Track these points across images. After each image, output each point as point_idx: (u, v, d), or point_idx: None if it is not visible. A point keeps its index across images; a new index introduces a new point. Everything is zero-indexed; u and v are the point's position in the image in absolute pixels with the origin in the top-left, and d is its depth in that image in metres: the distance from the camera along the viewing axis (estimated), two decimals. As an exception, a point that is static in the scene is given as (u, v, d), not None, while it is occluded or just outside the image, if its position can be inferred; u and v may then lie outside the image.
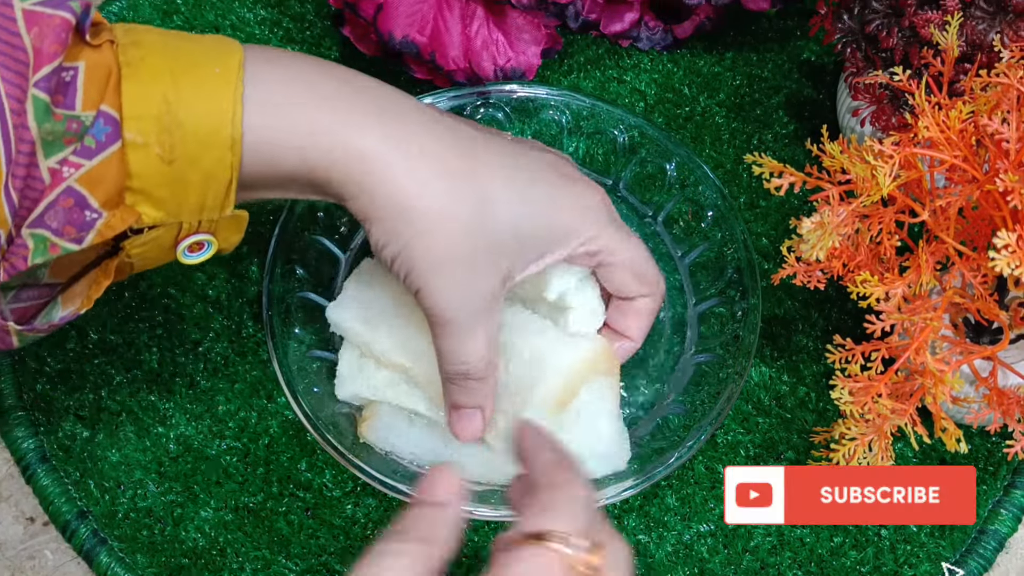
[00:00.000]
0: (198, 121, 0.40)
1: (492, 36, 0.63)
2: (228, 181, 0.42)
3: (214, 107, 0.41)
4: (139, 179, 0.40)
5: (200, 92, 0.41)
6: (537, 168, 0.49)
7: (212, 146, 0.41)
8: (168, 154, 0.40)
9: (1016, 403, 0.48)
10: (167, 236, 0.42)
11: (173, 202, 0.41)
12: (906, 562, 0.55)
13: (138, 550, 0.54)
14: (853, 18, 0.57)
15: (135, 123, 0.40)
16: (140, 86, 0.40)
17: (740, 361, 0.55)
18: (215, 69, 0.41)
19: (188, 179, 0.41)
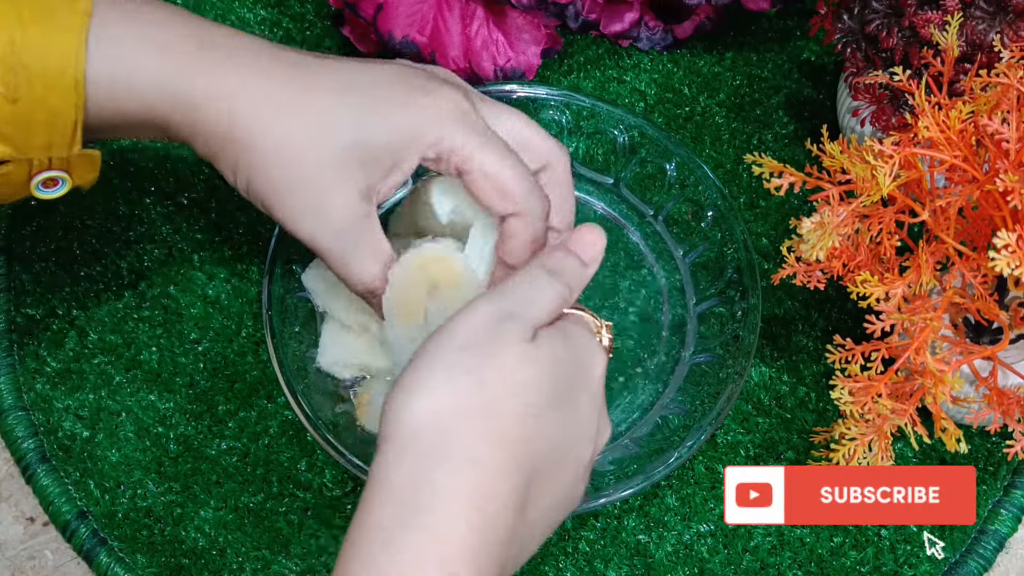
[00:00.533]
0: (43, 62, 0.42)
1: (492, 36, 0.63)
2: (73, 121, 0.44)
3: (59, 49, 0.43)
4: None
5: (46, 35, 0.43)
6: (377, 81, 0.48)
7: (56, 87, 0.43)
8: (12, 93, 0.42)
9: (1016, 403, 0.48)
10: (19, 172, 0.44)
11: (20, 138, 0.43)
12: (906, 562, 0.55)
13: (138, 550, 0.54)
14: (853, 18, 0.57)
15: None
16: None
17: (740, 361, 0.55)
18: (62, 13, 0.43)
19: (33, 118, 0.43)
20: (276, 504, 0.56)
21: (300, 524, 0.55)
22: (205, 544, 0.54)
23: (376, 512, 0.36)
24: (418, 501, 0.36)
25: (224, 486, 0.56)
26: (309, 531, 0.55)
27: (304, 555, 0.55)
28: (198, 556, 0.54)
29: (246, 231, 0.63)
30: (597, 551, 0.55)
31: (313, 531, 0.55)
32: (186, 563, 0.54)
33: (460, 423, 0.37)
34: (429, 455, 0.37)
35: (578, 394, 0.41)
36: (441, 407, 0.38)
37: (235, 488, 0.56)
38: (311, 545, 0.55)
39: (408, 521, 0.36)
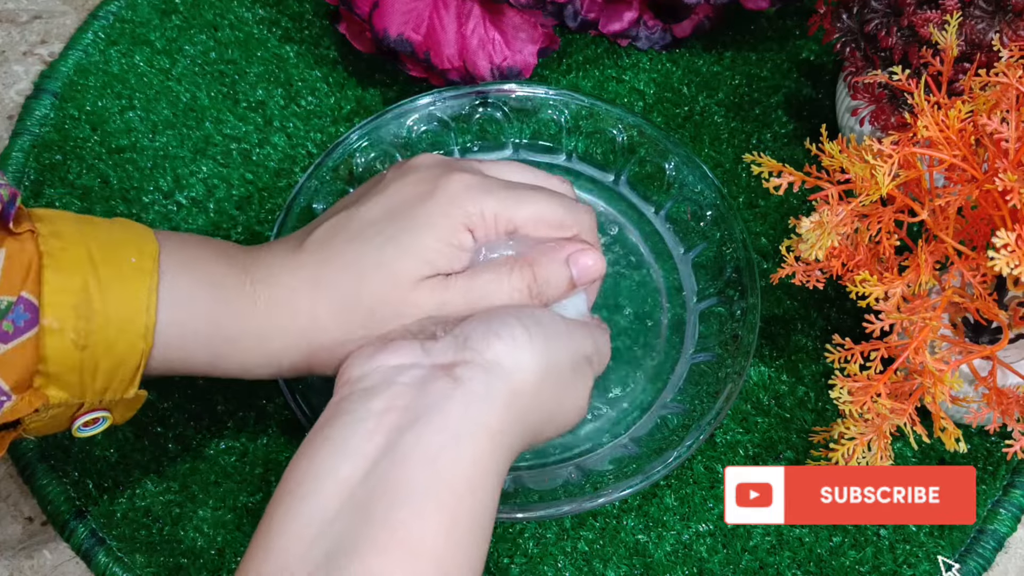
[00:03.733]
0: (114, 309, 0.42)
1: (488, 35, 0.63)
2: (136, 367, 0.43)
3: (130, 296, 0.42)
4: (51, 363, 0.41)
5: (117, 281, 0.42)
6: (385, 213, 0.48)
7: (126, 333, 0.42)
8: (82, 340, 0.41)
9: (1015, 403, 0.48)
10: (66, 413, 0.43)
11: (80, 385, 0.42)
12: (905, 562, 0.55)
13: (136, 550, 0.54)
14: (852, 17, 0.57)
15: (53, 310, 0.40)
16: (60, 275, 0.41)
17: (739, 361, 0.55)
18: (131, 259, 0.43)
19: (99, 365, 0.42)
20: (275, 504, 0.55)
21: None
22: (204, 544, 0.54)
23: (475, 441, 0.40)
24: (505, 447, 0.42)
25: (223, 486, 0.56)
26: (308, 531, 0.55)
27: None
28: (197, 556, 0.54)
29: (244, 231, 0.63)
30: (596, 551, 0.55)
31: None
32: (184, 563, 0.54)
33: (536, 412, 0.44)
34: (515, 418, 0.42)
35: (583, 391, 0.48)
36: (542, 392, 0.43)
37: (234, 488, 0.56)
38: (310, 545, 0.55)
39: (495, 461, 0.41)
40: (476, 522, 0.39)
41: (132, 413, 0.46)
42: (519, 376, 0.42)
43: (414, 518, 0.37)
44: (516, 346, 0.43)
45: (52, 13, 0.72)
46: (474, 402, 0.41)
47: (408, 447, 0.39)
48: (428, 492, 0.38)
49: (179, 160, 0.65)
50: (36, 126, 0.66)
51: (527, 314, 0.45)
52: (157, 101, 0.67)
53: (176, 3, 0.70)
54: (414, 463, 0.38)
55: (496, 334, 0.43)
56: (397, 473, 0.38)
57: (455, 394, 0.40)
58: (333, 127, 0.66)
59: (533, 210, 0.48)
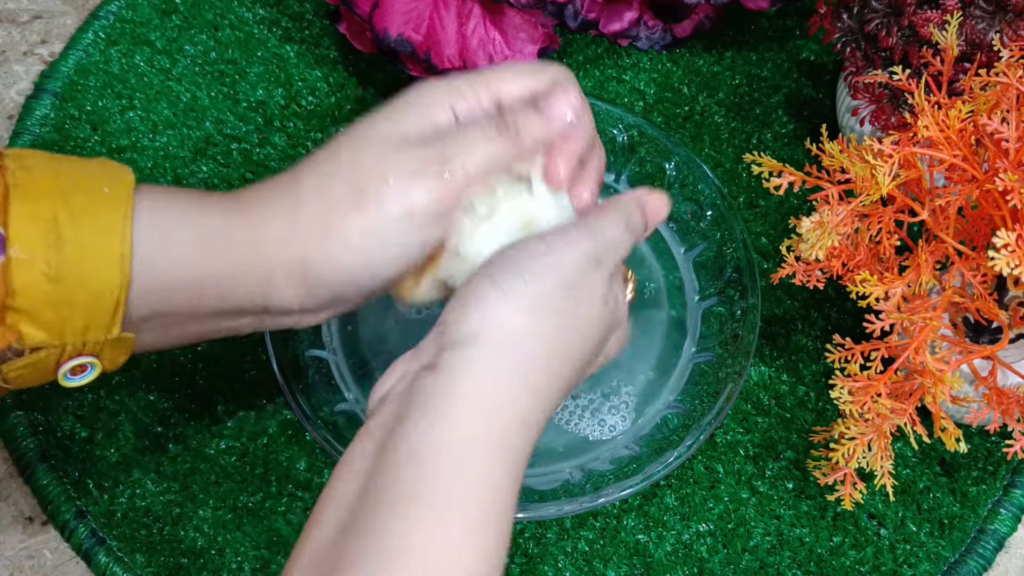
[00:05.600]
0: (86, 239, 0.39)
1: (489, 35, 0.63)
2: (115, 301, 0.40)
3: (103, 224, 0.40)
4: (22, 297, 0.39)
5: (89, 211, 0.40)
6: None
7: (100, 263, 0.40)
8: (54, 271, 0.39)
9: (1016, 402, 0.48)
10: (49, 359, 0.41)
11: (57, 322, 0.40)
12: (905, 562, 0.55)
13: (137, 549, 0.54)
14: (852, 17, 0.57)
15: (21, 240, 0.38)
16: (28, 205, 0.39)
17: (739, 360, 0.55)
18: (104, 189, 0.41)
19: (74, 299, 0.39)
20: (275, 504, 0.55)
21: (299, 524, 0.55)
22: (204, 543, 0.54)
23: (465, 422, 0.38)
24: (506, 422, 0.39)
25: (223, 486, 0.56)
26: (308, 531, 0.55)
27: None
28: (197, 555, 0.54)
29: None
30: (596, 551, 0.55)
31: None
32: (185, 562, 0.54)
33: (541, 357, 0.41)
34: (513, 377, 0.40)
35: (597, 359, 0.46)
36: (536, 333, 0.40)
37: (234, 488, 0.56)
38: (310, 545, 0.55)
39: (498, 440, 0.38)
40: (479, 503, 0.37)
41: (123, 358, 0.43)
42: (500, 333, 0.40)
43: (398, 520, 0.36)
44: (487, 306, 0.40)
45: (52, 13, 0.72)
46: (453, 381, 0.39)
47: (393, 450, 0.37)
48: (412, 489, 0.36)
49: (179, 160, 0.65)
50: (36, 126, 0.66)
51: (498, 264, 0.42)
52: (157, 101, 0.67)
53: (176, 3, 0.70)
54: (398, 465, 0.37)
55: (464, 305, 0.40)
56: (384, 479, 0.37)
57: (436, 382, 0.39)
58: (333, 127, 0.66)
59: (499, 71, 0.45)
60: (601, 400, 0.57)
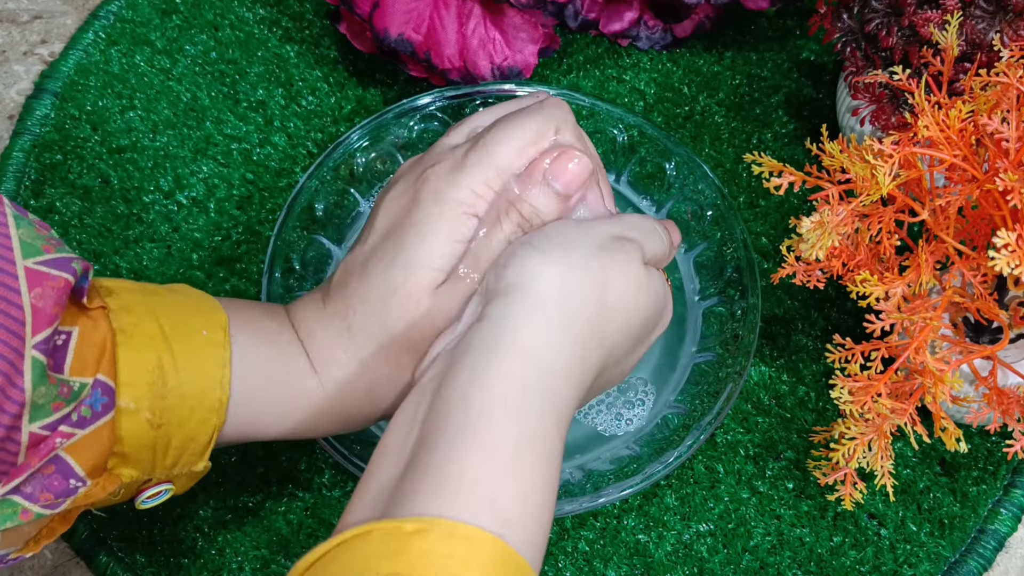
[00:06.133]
0: (187, 388, 0.41)
1: (489, 35, 0.63)
2: (207, 442, 0.42)
3: (204, 372, 0.41)
4: (126, 444, 0.40)
5: (191, 357, 0.41)
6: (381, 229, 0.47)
7: (199, 409, 0.41)
8: (158, 419, 0.40)
9: (1016, 402, 0.48)
10: (132, 488, 0.42)
11: (151, 463, 0.41)
12: (906, 561, 0.55)
13: (137, 550, 0.54)
14: (853, 17, 0.57)
15: (129, 390, 0.39)
16: (135, 353, 0.40)
17: (739, 360, 0.55)
18: (203, 332, 0.42)
19: (171, 442, 0.41)
20: (275, 504, 0.55)
21: (299, 524, 0.55)
22: (204, 544, 0.54)
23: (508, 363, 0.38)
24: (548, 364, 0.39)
25: (223, 486, 0.56)
26: (308, 531, 0.55)
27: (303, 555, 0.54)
28: (197, 556, 0.54)
29: (245, 231, 0.63)
30: (597, 551, 0.55)
31: (312, 531, 0.55)
32: (185, 563, 0.54)
33: (581, 311, 0.41)
34: (554, 326, 0.40)
35: (647, 337, 0.46)
36: (572, 287, 0.41)
37: (234, 488, 0.56)
38: (310, 545, 0.55)
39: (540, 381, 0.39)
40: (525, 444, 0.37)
41: (194, 482, 0.45)
42: (539, 283, 0.40)
43: (452, 460, 0.36)
44: (525, 262, 0.41)
45: (52, 13, 0.72)
46: (493, 329, 0.39)
47: (444, 396, 0.38)
48: (462, 429, 0.36)
49: (180, 160, 0.65)
50: (37, 126, 0.66)
51: (535, 234, 0.43)
52: (158, 101, 0.67)
53: (177, 3, 0.70)
54: (450, 409, 0.37)
55: (504, 265, 0.42)
56: (436, 424, 0.37)
57: (480, 332, 0.39)
58: (334, 127, 0.66)
59: (506, 148, 0.45)
60: (617, 394, 0.57)
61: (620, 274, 0.43)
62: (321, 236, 0.59)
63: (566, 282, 0.41)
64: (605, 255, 0.42)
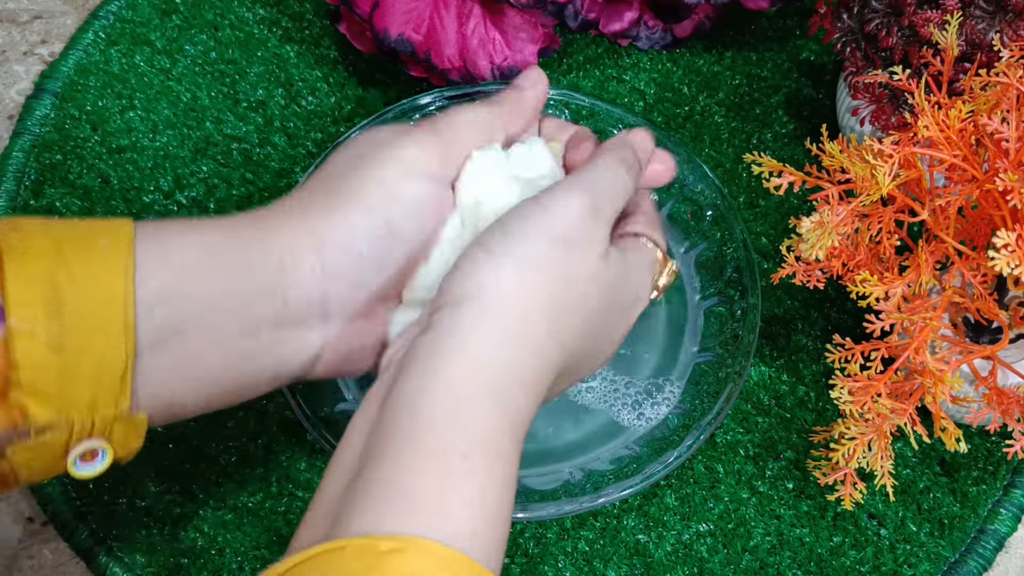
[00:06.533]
0: (88, 304, 0.37)
1: (489, 35, 0.63)
2: (123, 370, 0.38)
3: (104, 285, 0.37)
4: (25, 370, 0.36)
5: (88, 268, 0.37)
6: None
7: (103, 330, 0.37)
8: (56, 341, 0.36)
9: (1016, 402, 0.48)
10: (57, 440, 0.38)
11: (62, 397, 0.37)
12: (906, 562, 0.55)
13: (137, 550, 0.54)
14: (852, 17, 0.57)
15: (21, 309, 0.36)
16: (24, 267, 0.36)
17: (739, 360, 0.55)
18: (102, 241, 0.38)
19: (79, 369, 0.37)
20: (275, 504, 0.55)
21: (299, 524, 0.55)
22: (204, 544, 0.54)
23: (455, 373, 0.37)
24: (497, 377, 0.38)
25: (223, 486, 0.56)
26: (308, 531, 0.55)
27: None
28: (197, 556, 0.54)
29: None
30: (596, 551, 0.55)
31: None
32: (185, 563, 0.54)
33: (536, 316, 0.40)
34: (506, 337, 0.39)
35: (618, 323, 0.45)
36: (527, 291, 0.40)
37: (234, 488, 0.56)
38: (310, 545, 0.55)
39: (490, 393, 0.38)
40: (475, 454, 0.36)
41: (136, 443, 0.40)
42: (490, 294, 0.39)
43: (397, 469, 0.35)
44: (477, 269, 0.39)
45: (52, 13, 0.72)
46: (442, 340, 0.38)
47: (390, 408, 0.37)
48: (409, 441, 0.36)
49: (180, 160, 0.65)
50: (36, 126, 0.66)
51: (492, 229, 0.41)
52: (157, 101, 0.67)
53: (176, 3, 0.70)
54: (395, 419, 0.37)
55: (458, 269, 0.40)
56: (383, 434, 0.37)
57: (426, 342, 0.38)
58: (334, 127, 0.66)
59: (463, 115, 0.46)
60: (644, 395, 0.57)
61: (583, 269, 0.41)
62: (321, 236, 0.59)
63: (517, 287, 0.39)
64: (567, 251, 0.41)
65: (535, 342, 0.39)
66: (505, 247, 0.40)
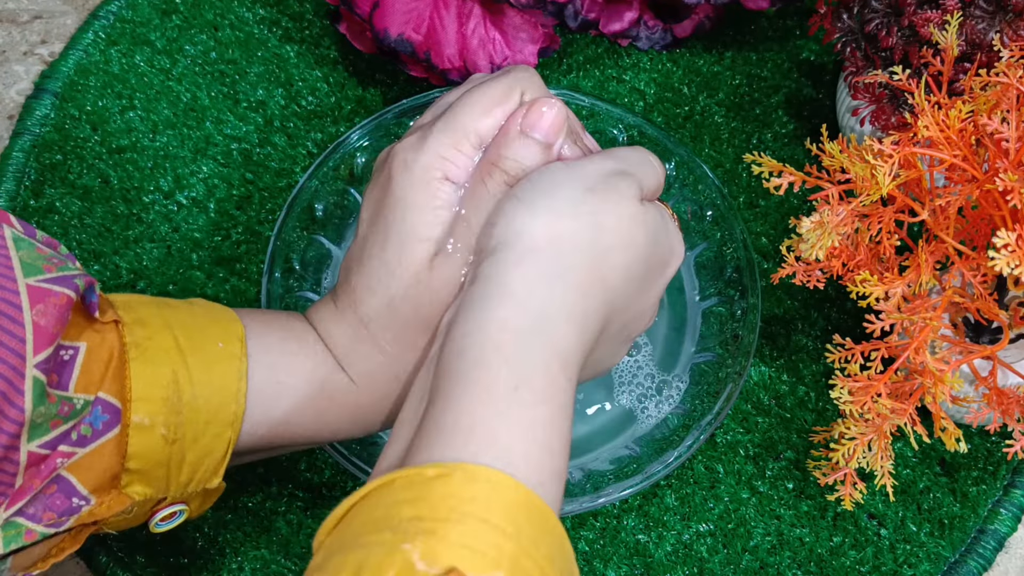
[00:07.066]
0: (202, 401, 0.40)
1: (489, 35, 0.63)
2: (222, 457, 0.42)
3: (220, 385, 0.40)
4: (138, 460, 0.39)
5: (207, 370, 0.40)
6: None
7: (214, 423, 0.40)
8: (172, 434, 0.39)
9: (1016, 402, 0.48)
10: (146, 507, 0.41)
11: (165, 479, 0.41)
12: (905, 562, 0.55)
13: (137, 550, 0.54)
14: (853, 17, 0.57)
15: (144, 405, 0.39)
16: (149, 367, 0.39)
17: (739, 360, 0.55)
18: (219, 344, 0.41)
19: (185, 457, 0.40)
20: (275, 504, 0.55)
21: (299, 524, 0.55)
22: (204, 544, 0.54)
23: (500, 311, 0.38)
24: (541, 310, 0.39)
25: (223, 486, 0.56)
26: (309, 531, 0.55)
27: (304, 555, 0.54)
28: (197, 556, 0.54)
29: (245, 231, 0.63)
30: (596, 551, 0.55)
31: (312, 531, 0.55)
32: (185, 563, 0.54)
33: (575, 256, 0.40)
34: (546, 274, 0.39)
35: (657, 276, 0.45)
36: (562, 234, 0.40)
37: (234, 488, 0.56)
38: (311, 545, 0.55)
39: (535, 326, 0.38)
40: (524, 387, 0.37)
41: (209, 504, 0.45)
42: (526, 237, 0.40)
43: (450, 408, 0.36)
44: (512, 217, 0.40)
45: (52, 13, 0.72)
46: (485, 285, 0.39)
47: (443, 357, 0.38)
48: (461, 379, 0.37)
49: (180, 160, 0.65)
50: (36, 126, 0.66)
51: (523, 184, 0.42)
52: (157, 101, 0.67)
53: (176, 3, 0.70)
54: (448, 364, 0.37)
55: (492, 224, 0.41)
56: (437, 382, 0.37)
57: (472, 291, 0.39)
58: (333, 127, 0.66)
59: (470, 110, 0.44)
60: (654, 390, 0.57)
61: (613, 214, 0.41)
62: (321, 236, 0.59)
63: (554, 230, 0.40)
64: (594, 196, 0.41)
65: (575, 279, 0.40)
66: (536, 195, 0.41)
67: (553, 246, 0.40)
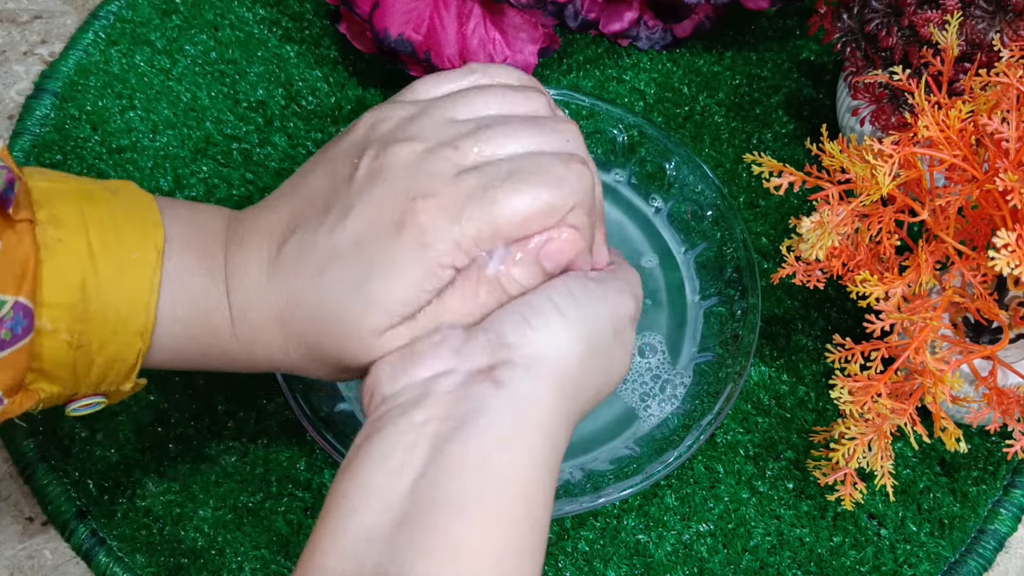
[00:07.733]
0: (112, 310, 0.40)
1: (489, 35, 0.63)
2: (133, 364, 0.41)
3: (131, 295, 0.40)
4: (45, 362, 0.39)
5: (119, 278, 0.40)
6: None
7: (123, 333, 0.40)
8: (77, 340, 0.39)
9: (1016, 402, 0.48)
10: (58, 401, 0.42)
11: (72, 380, 0.41)
12: (906, 562, 0.55)
13: (137, 550, 0.54)
14: (853, 17, 0.57)
15: (50, 311, 0.38)
16: (58, 273, 0.39)
17: (739, 360, 0.55)
18: (133, 254, 0.40)
19: (93, 361, 0.40)
20: (275, 504, 0.55)
21: (299, 524, 0.55)
22: (204, 544, 0.54)
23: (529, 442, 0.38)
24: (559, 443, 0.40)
25: (223, 486, 0.56)
26: (308, 531, 0.55)
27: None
28: (197, 556, 0.54)
29: (245, 230, 0.63)
30: (596, 551, 0.55)
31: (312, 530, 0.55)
32: (185, 563, 0.54)
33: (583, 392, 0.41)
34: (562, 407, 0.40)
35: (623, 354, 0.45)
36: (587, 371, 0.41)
37: (234, 488, 0.56)
38: (310, 545, 0.55)
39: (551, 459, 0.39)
40: (534, 522, 0.37)
41: (128, 394, 0.44)
42: (563, 363, 0.39)
43: (466, 527, 0.35)
44: (553, 333, 0.40)
45: (52, 13, 0.72)
46: (520, 402, 0.38)
47: (455, 455, 0.36)
48: (480, 499, 0.36)
49: (180, 160, 0.65)
50: (36, 126, 0.66)
51: (558, 290, 0.41)
52: (157, 101, 0.67)
53: (177, 3, 0.70)
54: (463, 471, 0.36)
55: (530, 325, 0.39)
56: (445, 483, 0.36)
57: (499, 397, 0.38)
58: (334, 127, 0.66)
59: (511, 215, 0.40)
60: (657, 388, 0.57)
61: (620, 363, 0.44)
62: (321, 236, 0.59)
63: (584, 365, 0.41)
64: (617, 339, 0.43)
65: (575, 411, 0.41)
66: (576, 318, 0.41)
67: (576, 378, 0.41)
